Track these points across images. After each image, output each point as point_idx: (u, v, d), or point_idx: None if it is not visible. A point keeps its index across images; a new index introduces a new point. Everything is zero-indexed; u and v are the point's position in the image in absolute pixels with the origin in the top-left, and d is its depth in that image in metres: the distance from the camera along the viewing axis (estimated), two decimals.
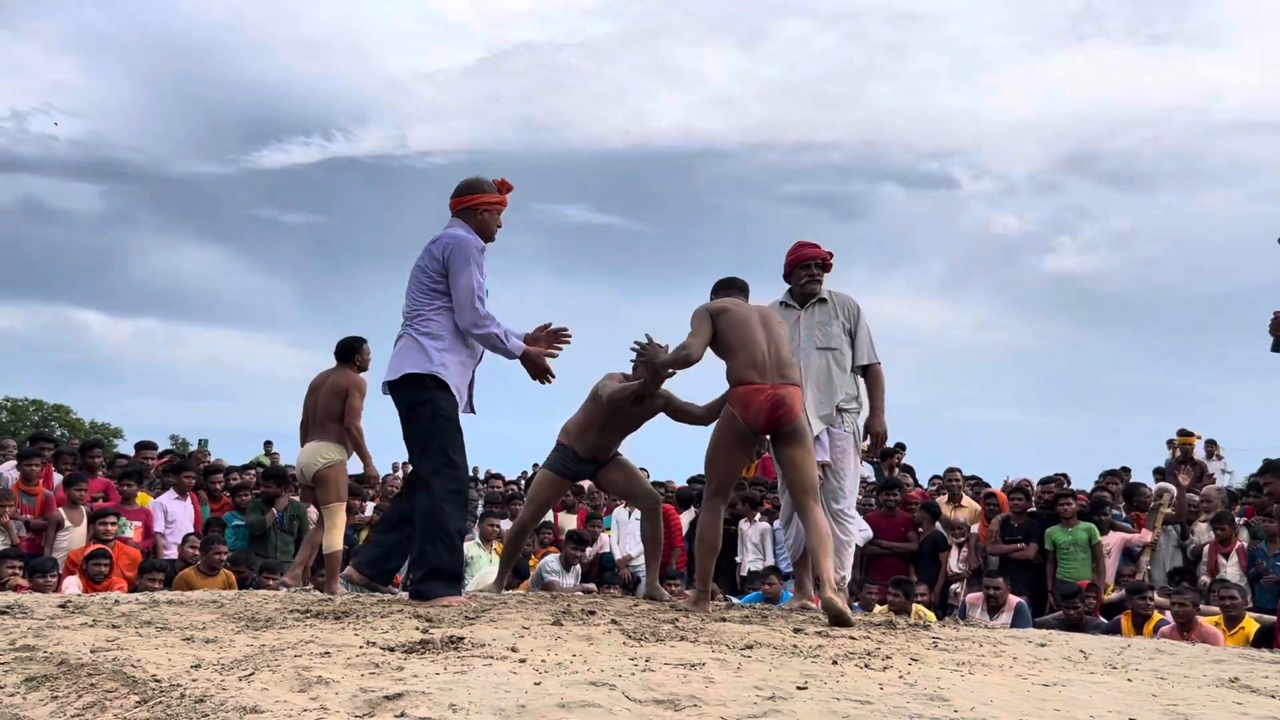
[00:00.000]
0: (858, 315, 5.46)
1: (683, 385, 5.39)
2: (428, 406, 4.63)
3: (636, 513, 9.74)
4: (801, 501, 4.77)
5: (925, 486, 11.00)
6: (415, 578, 4.63)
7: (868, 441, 5.59)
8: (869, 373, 5.46)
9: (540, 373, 4.75)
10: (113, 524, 7.77)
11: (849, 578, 5.54)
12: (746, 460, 5.05)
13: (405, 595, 4.94)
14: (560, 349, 4.81)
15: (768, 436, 4.83)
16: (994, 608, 7.58)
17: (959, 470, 10.37)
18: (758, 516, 9.58)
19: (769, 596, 7.82)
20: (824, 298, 5.45)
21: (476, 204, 4.87)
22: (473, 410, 4.87)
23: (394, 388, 4.71)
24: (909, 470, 11.62)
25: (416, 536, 4.63)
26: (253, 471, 10.26)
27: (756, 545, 9.49)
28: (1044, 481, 9.98)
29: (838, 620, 4.40)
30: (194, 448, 15.55)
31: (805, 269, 5.46)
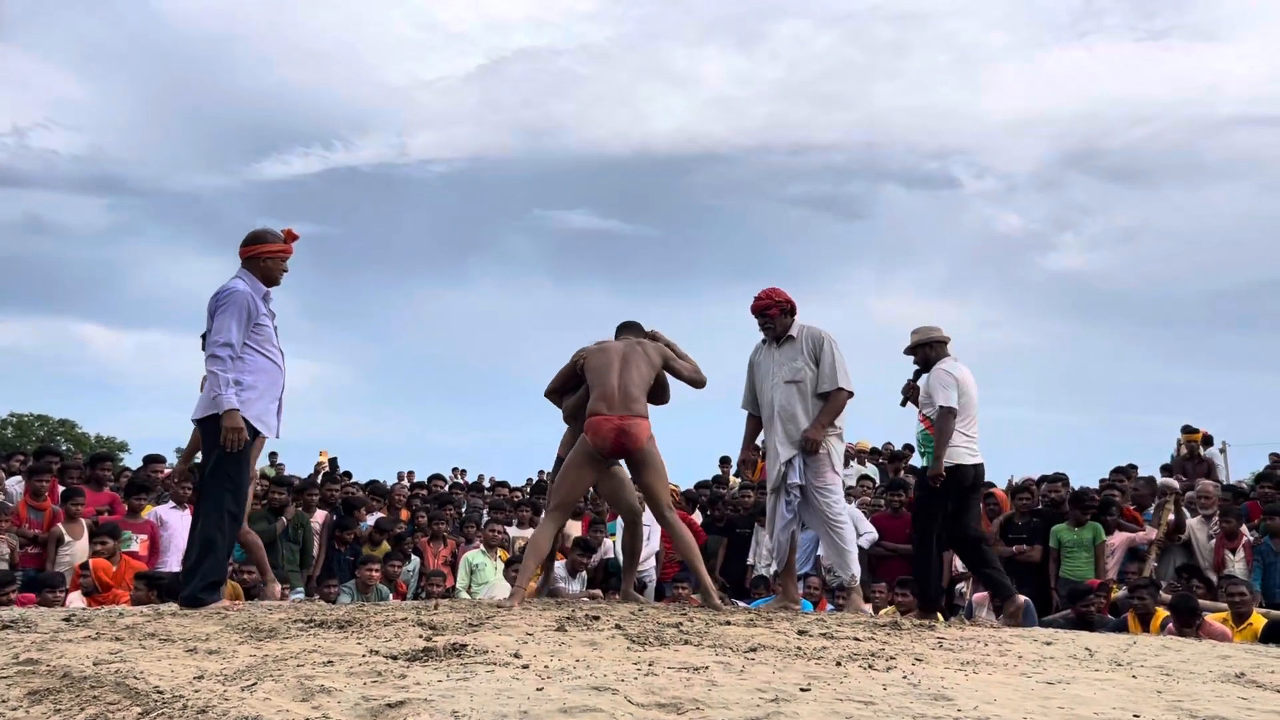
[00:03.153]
0: (821, 346, 6.02)
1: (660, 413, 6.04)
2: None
3: (643, 518, 9.76)
4: (662, 517, 5.70)
5: None
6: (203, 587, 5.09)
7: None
8: (827, 397, 5.98)
9: (232, 437, 5.07)
10: (102, 545, 7.67)
11: (858, 576, 6.03)
12: (591, 481, 5.73)
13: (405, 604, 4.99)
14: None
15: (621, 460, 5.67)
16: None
17: None
18: None
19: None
20: (792, 336, 6.11)
21: (260, 253, 5.36)
22: (277, 435, 5.41)
23: (204, 421, 5.18)
24: (915, 471, 11.59)
25: (204, 548, 5.11)
26: (263, 481, 10.27)
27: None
28: (1048, 480, 9.95)
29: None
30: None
31: (757, 318, 6.21)
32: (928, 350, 6.52)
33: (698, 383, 5.94)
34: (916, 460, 6.54)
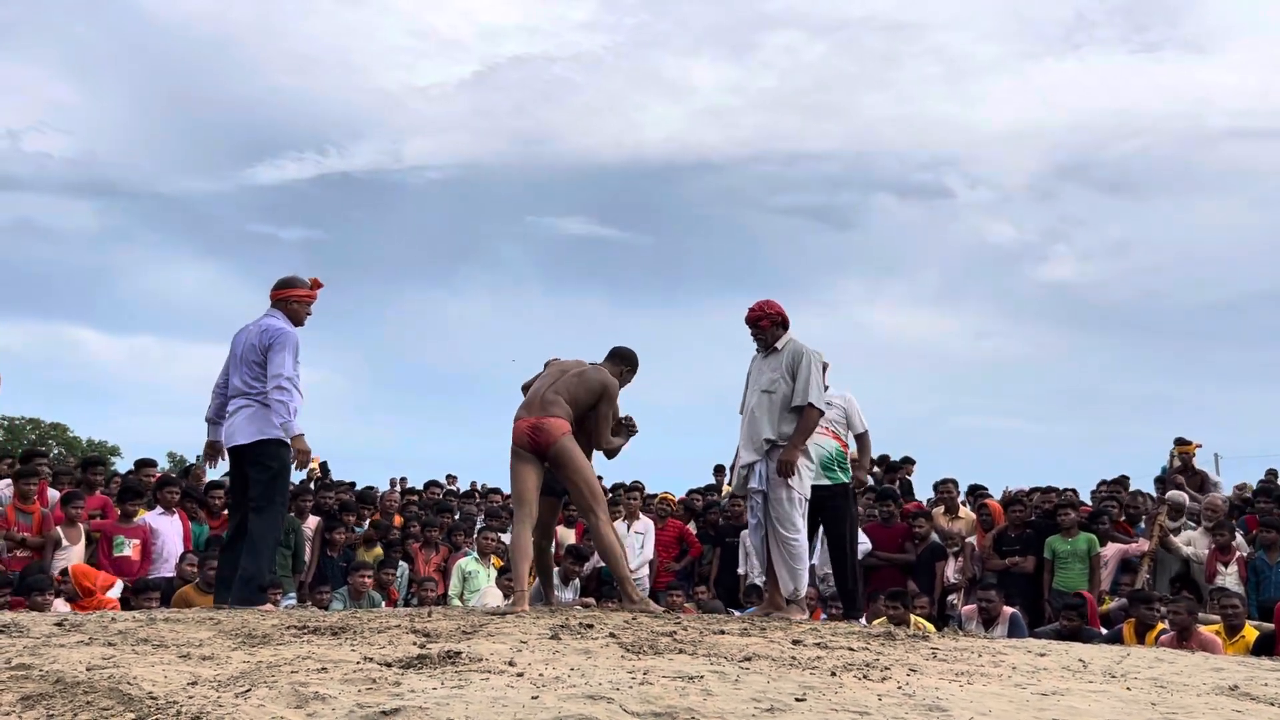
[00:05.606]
0: (799, 362, 6.15)
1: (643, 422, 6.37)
2: (279, 461, 5.92)
3: (636, 526, 9.78)
4: (584, 519, 5.93)
5: (924, 500, 10.97)
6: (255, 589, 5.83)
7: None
8: (800, 413, 6.08)
9: (302, 458, 5.89)
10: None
11: (802, 592, 6.19)
12: (535, 475, 5.78)
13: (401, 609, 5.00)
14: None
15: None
16: (988, 620, 7.58)
17: (954, 481, 10.36)
18: None
19: None
20: (777, 348, 6.26)
21: (288, 296, 6.08)
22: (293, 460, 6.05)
23: (254, 445, 5.87)
24: (906, 485, 11.59)
25: (261, 556, 5.83)
26: None
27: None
28: (1043, 491, 9.96)
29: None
30: (193, 464, 15.49)
31: (749, 328, 6.37)
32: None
33: (601, 448, 6.08)
34: (818, 479, 6.69)
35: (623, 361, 6.15)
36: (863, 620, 6.61)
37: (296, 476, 7.98)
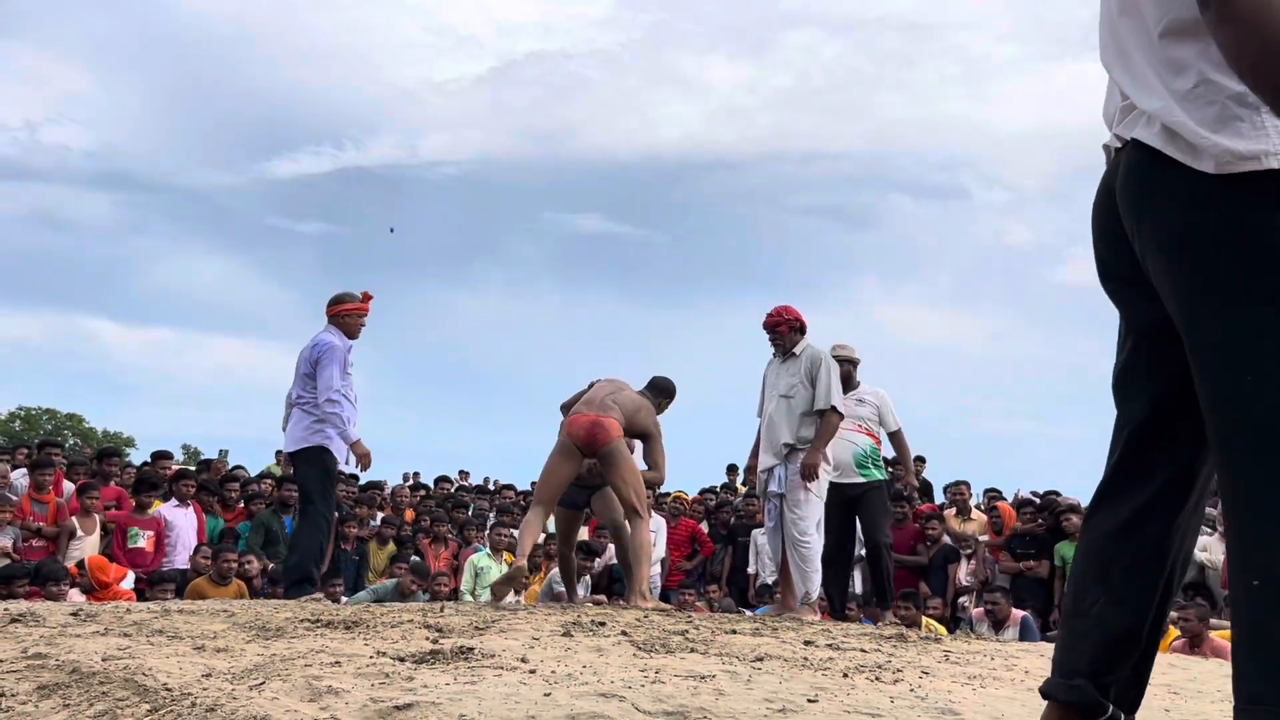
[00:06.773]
0: (818, 367, 6.27)
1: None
2: (320, 466, 6.39)
3: (649, 524, 9.79)
4: (626, 517, 5.96)
5: (942, 500, 10.93)
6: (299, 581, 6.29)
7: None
8: (821, 417, 6.20)
9: (364, 460, 6.45)
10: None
11: (815, 594, 6.24)
12: (568, 473, 5.85)
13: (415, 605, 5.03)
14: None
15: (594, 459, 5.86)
16: (996, 623, 7.55)
17: (966, 483, 10.33)
18: None
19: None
20: (795, 354, 6.37)
21: (342, 311, 6.52)
22: (346, 461, 6.56)
23: (301, 451, 6.39)
24: (925, 485, 11.55)
25: (302, 551, 6.31)
26: (269, 481, 10.27)
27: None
28: (1043, 506, 9.88)
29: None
30: (210, 456, 15.58)
31: (767, 333, 6.48)
32: (851, 367, 7.16)
33: (652, 479, 6.18)
34: (852, 476, 6.90)
35: (662, 394, 6.24)
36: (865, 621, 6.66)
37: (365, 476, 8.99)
